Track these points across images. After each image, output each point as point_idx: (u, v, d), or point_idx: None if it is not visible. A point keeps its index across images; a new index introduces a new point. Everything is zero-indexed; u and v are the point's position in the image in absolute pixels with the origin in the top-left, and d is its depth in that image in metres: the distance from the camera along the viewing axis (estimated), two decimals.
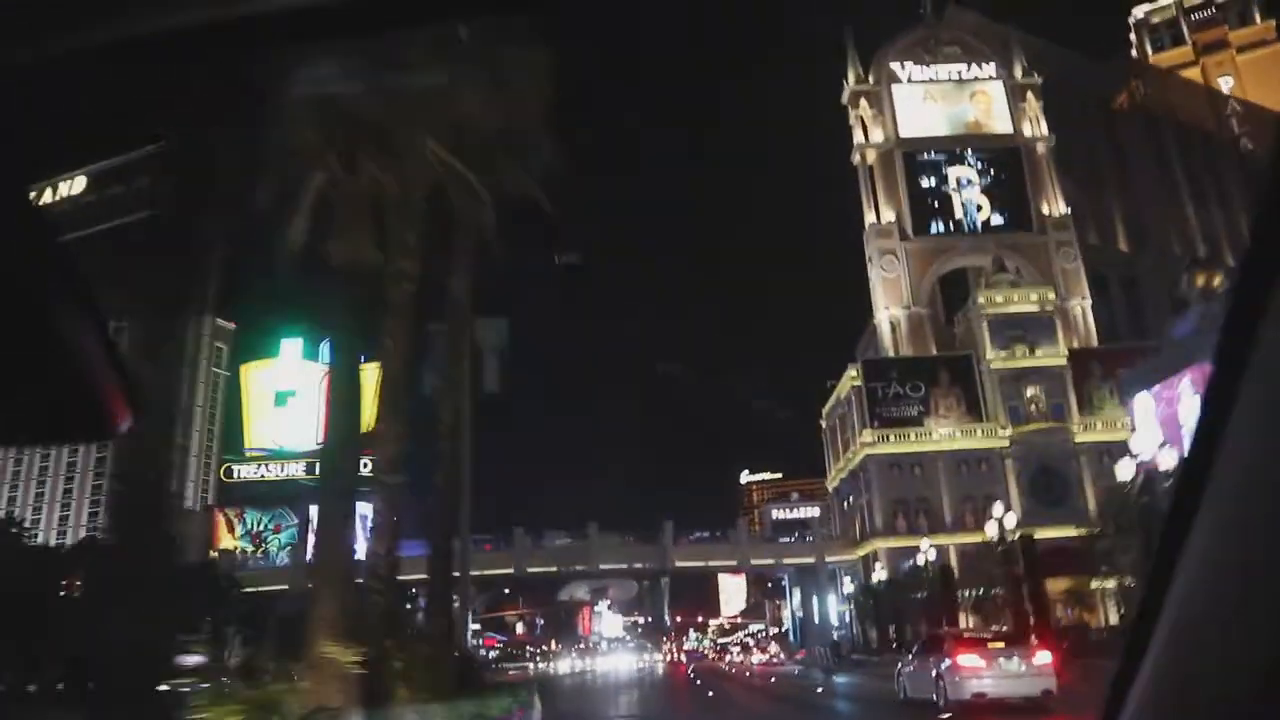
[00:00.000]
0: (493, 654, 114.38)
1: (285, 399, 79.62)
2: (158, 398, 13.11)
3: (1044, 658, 17.49)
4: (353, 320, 14.52)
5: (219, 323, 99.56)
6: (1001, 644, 18.42)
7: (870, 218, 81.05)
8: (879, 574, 63.52)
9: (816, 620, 78.97)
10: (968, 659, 17.33)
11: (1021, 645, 18.80)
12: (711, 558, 76.36)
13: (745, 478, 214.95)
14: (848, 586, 65.25)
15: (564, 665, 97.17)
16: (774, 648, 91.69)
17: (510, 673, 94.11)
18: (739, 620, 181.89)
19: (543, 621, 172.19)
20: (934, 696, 17.72)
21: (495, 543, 71.82)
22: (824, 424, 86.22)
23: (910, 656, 21.34)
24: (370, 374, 15.37)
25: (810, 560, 74.16)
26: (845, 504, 78.77)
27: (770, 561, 77.36)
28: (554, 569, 73.01)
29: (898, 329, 77.52)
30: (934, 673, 17.94)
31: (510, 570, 70.11)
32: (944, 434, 69.15)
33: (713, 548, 76.69)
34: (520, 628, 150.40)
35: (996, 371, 69.36)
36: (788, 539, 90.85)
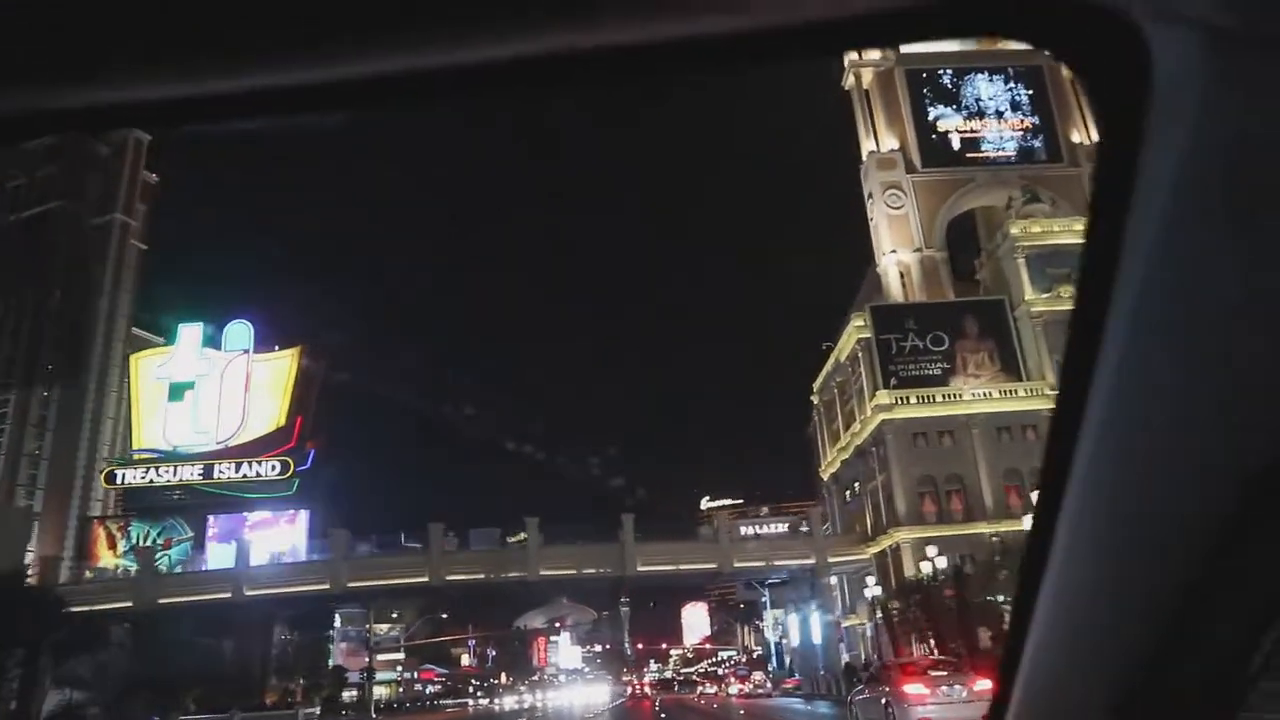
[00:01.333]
0: (431, 688, 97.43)
1: (181, 392, 63.57)
2: None
3: (984, 684, 17.77)
4: None
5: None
6: (944, 672, 19.96)
7: (869, 146, 67.36)
8: (908, 569, 48.92)
9: (815, 640, 64.09)
10: (913, 688, 18.46)
11: (963, 673, 19.88)
12: (684, 560, 60.25)
13: (706, 504, 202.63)
14: (871, 590, 49.92)
15: (511, 701, 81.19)
16: (756, 676, 75.83)
17: (447, 710, 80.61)
18: (706, 647, 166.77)
19: (494, 652, 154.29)
20: None
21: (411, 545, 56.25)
22: (816, 400, 71.80)
23: (861, 685, 23.46)
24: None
25: (810, 561, 58.96)
26: (848, 494, 64.26)
27: (759, 563, 60.93)
28: (480, 575, 56.71)
29: (907, 276, 63.55)
30: (883, 701, 19.15)
31: (425, 579, 54.36)
32: (976, 395, 55.07)
33: (685, 548, 61.07)
34: (466, 659, 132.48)
35: (1038, 317, 55.42)
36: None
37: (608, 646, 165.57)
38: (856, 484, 61.61)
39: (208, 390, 61.88)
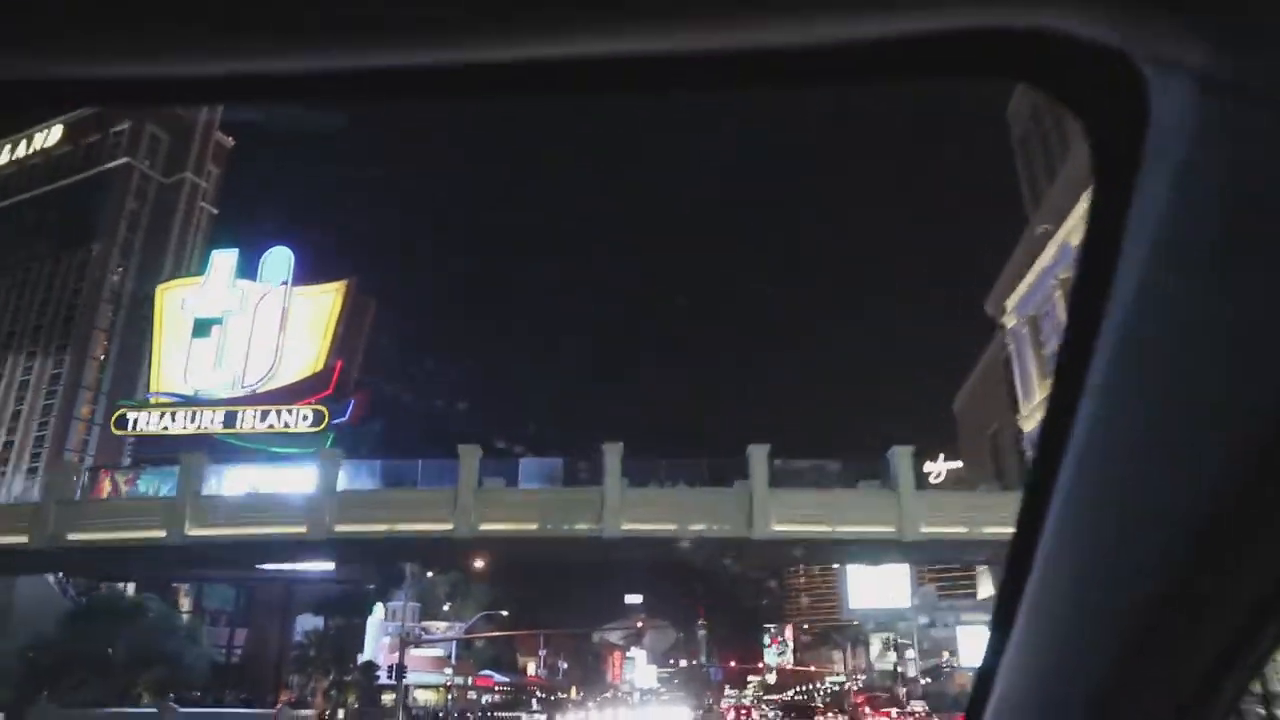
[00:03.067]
0: (489, 697, 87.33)
1: (208, 328, 55.23)
2: None
3: None
4: None
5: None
6: None
7: None
8: None
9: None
10: None
11: None
12: (848, 515, 39.64)
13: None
14: None
15: (574, 717, 70.34)
16: (915, 706, 58.60)
17: None
18: (808, 668, 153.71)
19: (566, 665, 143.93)
20: None
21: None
22: (1012, 319, 55.79)
23: None
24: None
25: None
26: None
27: (961, 529, 37.73)
28: (531, 526, 39.41)
29: None
30: None
31: (449, 526, 38.58)
32: None
33: (851, 498, 40.92)
34: (533, 668, 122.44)
35: None
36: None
37: (684, 663, 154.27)
38: None
39: (238, 326, 53.53)
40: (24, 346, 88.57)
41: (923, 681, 70.54)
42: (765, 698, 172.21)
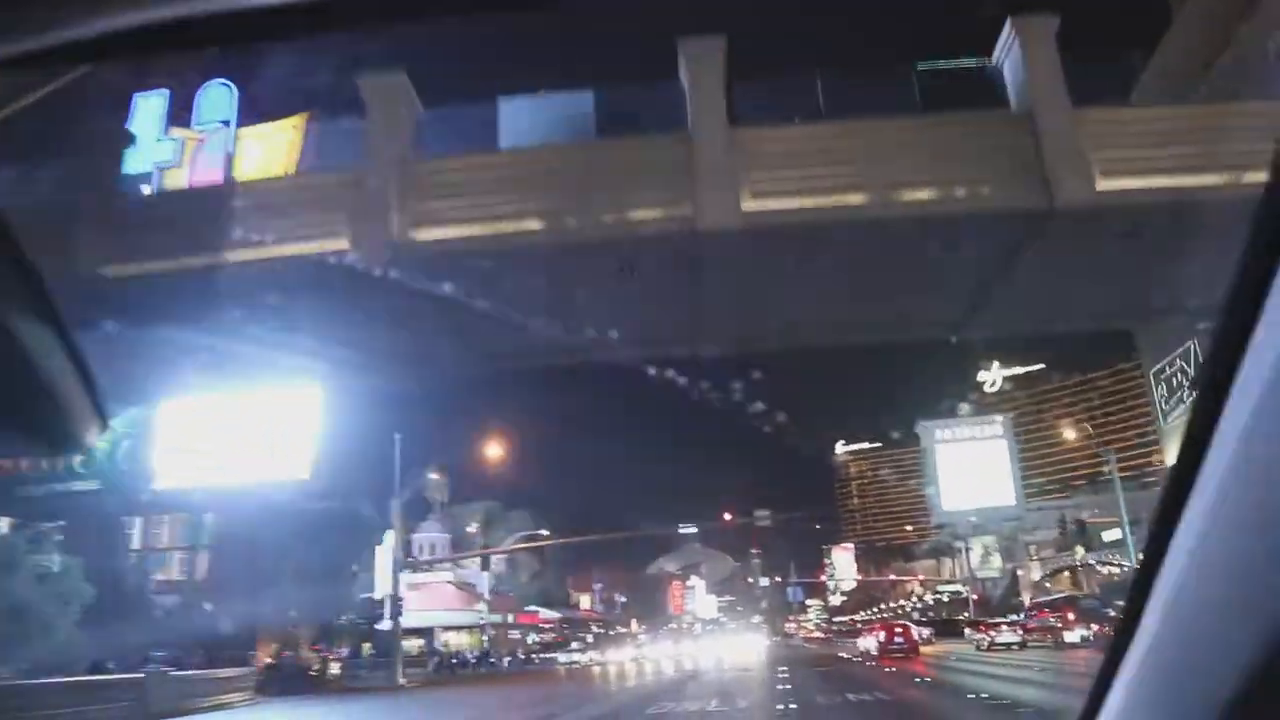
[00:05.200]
0: (536, 636, 76.95)
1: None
2: None
3: None
4: None
5: None
6: None
7: None
8: None
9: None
10: None
11: None
12: None
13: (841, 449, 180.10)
14: None
15: (633, 654, 59.68)
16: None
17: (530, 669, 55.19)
18: (874, 582, 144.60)
19: (624, 599, 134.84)
20: None
21: None
22: None
23: None
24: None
25: None
26: None
27: None
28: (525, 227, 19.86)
29: None
30: None
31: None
32: None
33: None
34: (586, 602, 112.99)
35: None
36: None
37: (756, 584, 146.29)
38: None
39: (173, 182, 42.07)
40: None
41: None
42: (833, 620, 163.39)
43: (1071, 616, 41.51)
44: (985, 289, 25.01)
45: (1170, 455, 32.79)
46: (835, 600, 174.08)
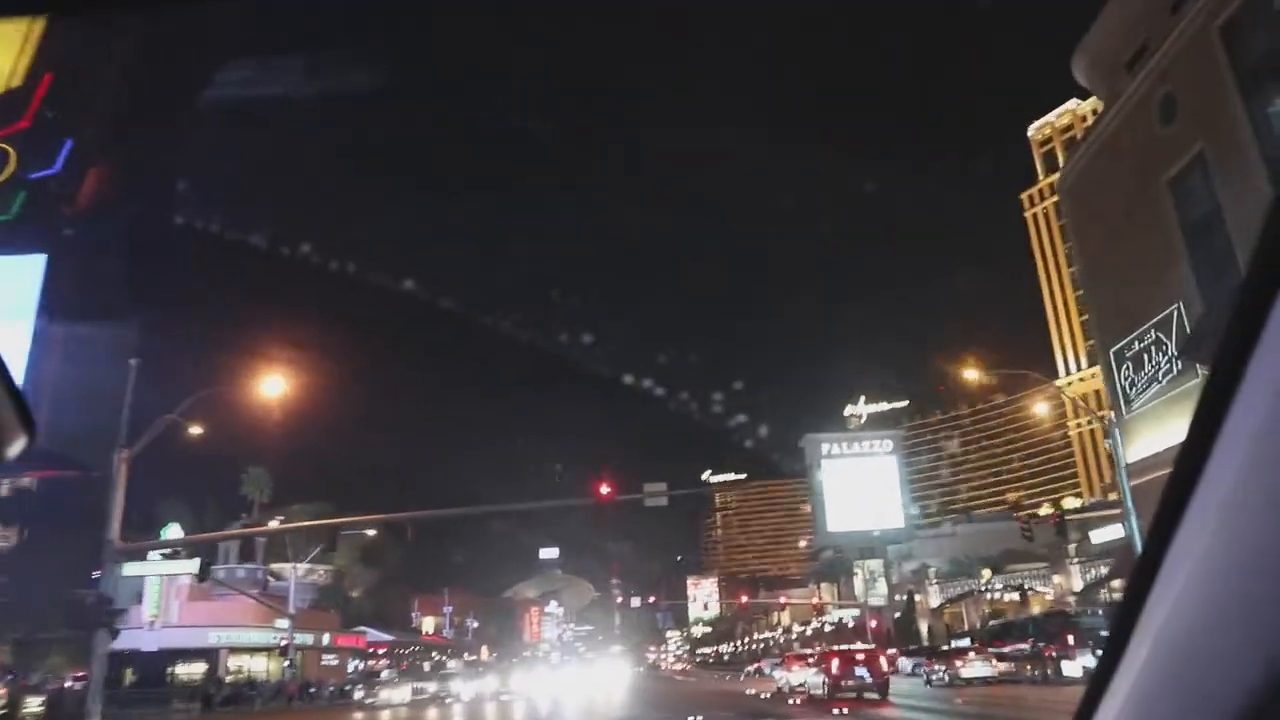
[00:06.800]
0: (359, 664, 65.96)
1: None
2: None
3: None
4: None
5: None
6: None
7: None
8: None
9: None
10: None
11: None
12: None
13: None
14: None
15: (471, 688, 50.41)
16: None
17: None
18: (742, 608, 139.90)
19: (476, 624, 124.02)
20: None
21: None
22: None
23: None
24: None
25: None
26: None
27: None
28: None
29: None
30: None
31: None
32: None
33: None
34: (431, 624, 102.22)
35: None
36: None
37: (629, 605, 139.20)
38: None
39: None
40: None
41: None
42: (696, 651, 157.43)
43: (1070, 641, 33.57)
44: None
45: (1133, 452, 27.55)
46: (697, 631, 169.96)
